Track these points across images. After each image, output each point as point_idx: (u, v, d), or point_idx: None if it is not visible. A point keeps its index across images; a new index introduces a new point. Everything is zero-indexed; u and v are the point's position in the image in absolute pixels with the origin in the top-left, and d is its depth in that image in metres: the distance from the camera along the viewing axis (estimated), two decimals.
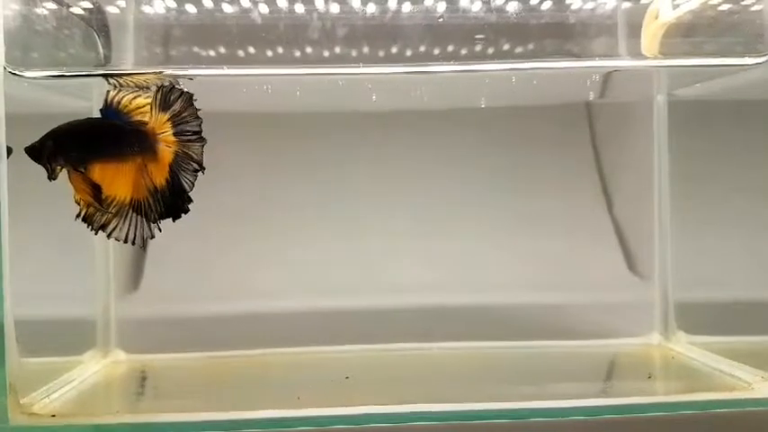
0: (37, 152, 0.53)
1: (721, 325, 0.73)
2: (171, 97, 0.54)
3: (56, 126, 0.54)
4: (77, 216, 0.54)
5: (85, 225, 0.54)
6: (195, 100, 0.54)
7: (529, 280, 0.81)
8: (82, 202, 0.54)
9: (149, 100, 0.55)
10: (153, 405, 0.67)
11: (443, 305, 0.80)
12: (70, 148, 0.53)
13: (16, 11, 0.60)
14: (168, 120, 0.55)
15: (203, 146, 0.55)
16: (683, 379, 0.70)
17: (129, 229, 0.55)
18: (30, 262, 0.59)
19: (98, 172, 0.54)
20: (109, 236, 0.55)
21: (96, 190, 0.54)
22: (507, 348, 0.78)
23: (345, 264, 0.82)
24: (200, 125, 0.55)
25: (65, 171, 0.54)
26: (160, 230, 0.55)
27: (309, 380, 0.70)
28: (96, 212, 0.54)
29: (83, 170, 0.53)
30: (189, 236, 0.76)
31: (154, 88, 0.55)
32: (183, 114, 0.54)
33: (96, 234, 0.55)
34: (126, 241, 0.55)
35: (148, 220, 0.55)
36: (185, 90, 0.55)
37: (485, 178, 0.83)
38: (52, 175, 0.53)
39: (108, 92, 0.56)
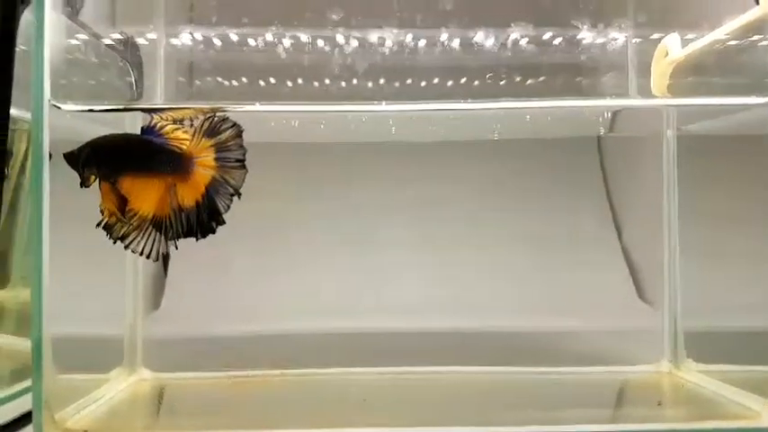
0: (74, 158, 0.55)
1: (731, 353, 0.73)
2: (221, 126, 0.57)
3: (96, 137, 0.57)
4: (98, 224, 0.56)
5: (105, 234, 0.56)
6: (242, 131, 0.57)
7: (540, 306, 0.82)
8: (106, 211, 0.56)
9: (188, 135, 0.57)
10: (177, 422, 0.69)
11: (455, 330, 0.81)
12: (105, 158, 0.55)
13: (58, 45, 0.63)
14: (212, 146, 0.57)
15: (245, 174, 0.57)
16: (692, 407, 0.70)
17: (146, 244, 0.56)
18: (61, 279, 0.61)
19: (127, 184, 0.56)
20: (126, 247, 0.56)
21: (122, 201, 0.56)
22: (518, 374, 0.78)
23: (363, 287, 0.84)
24: (244, 155, 0.57)
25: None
26: (176, 248, 0.57)
27: (328, 401, 0.70)
28: (117, 223, 0.56)
29: (113, 181, 0.55)
30: (210, 259, 0.79)
31: (187, 122, 0.58)
32: (229, 143, 0.57)
33: (114, 243, 0.56)
34: (141, 254, 0.56)
35: (167, 238, 0.57)
36: (236, 123, 0.57)
37: (498, 207, 0.85)
38: (85, 183, 0.55)
39: (152, 116, 0.58)
